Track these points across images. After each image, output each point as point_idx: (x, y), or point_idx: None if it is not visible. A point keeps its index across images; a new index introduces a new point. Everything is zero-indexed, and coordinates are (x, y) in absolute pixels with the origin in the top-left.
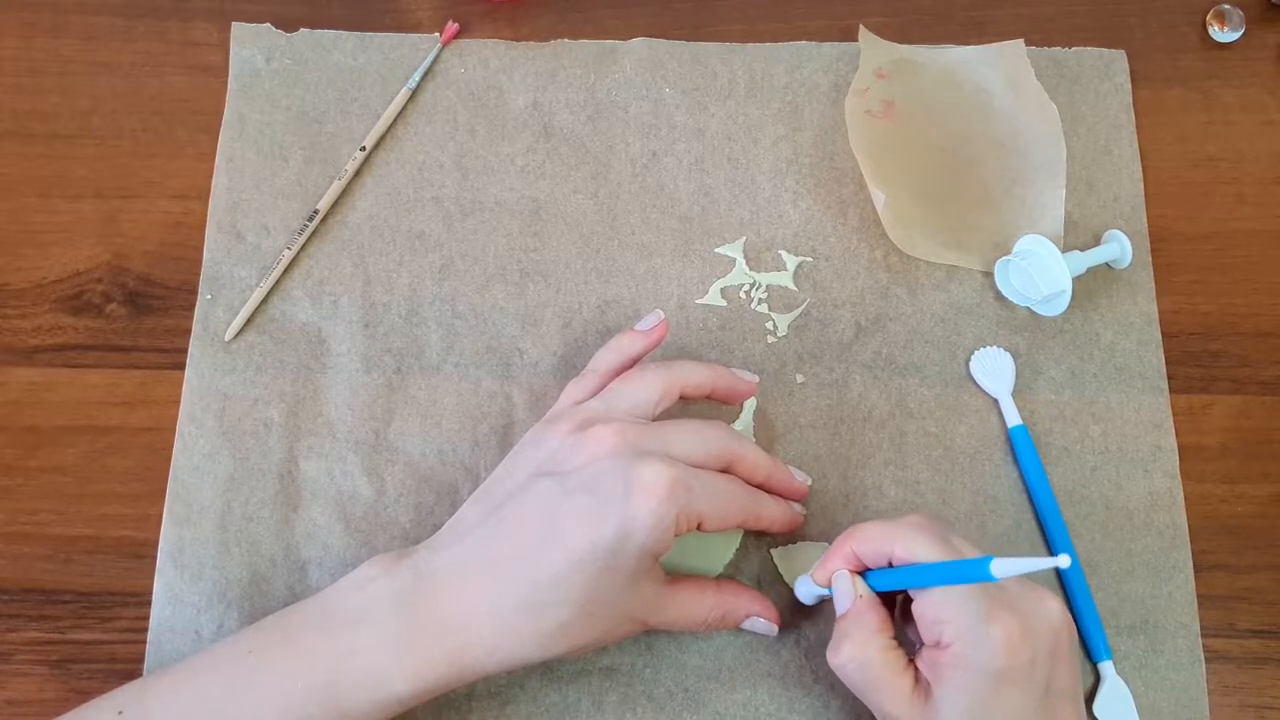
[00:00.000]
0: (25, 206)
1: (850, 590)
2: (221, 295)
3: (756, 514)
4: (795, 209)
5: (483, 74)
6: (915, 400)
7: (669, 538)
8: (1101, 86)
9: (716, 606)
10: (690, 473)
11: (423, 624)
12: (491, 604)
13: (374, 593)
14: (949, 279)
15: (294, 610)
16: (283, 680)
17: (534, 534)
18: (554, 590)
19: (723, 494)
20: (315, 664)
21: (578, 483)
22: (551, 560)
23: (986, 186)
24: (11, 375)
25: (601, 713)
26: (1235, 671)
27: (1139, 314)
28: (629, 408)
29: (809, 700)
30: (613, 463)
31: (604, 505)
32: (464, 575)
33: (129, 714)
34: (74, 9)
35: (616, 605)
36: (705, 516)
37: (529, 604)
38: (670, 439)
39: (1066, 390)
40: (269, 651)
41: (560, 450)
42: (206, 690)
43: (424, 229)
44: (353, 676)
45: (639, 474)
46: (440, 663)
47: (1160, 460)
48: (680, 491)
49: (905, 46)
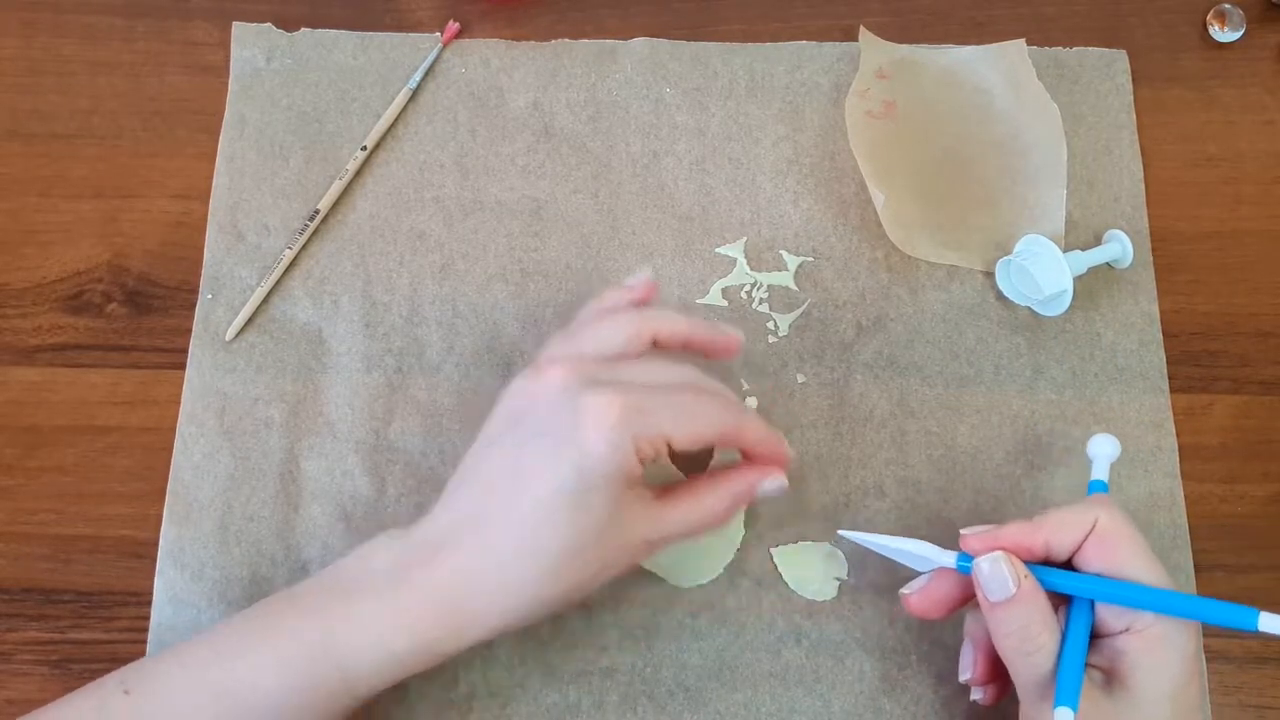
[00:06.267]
0: (25, 206)
1: (1012, 575)
2: (222, 295)
3: (738, 429)
4: (796, 209)
5: (483, 74)
6: (916, 400)
7: (632, 463)
8: (1102, 86)
9: (720, 499)
10: (645, 393)
11: (418, 586)
12: (481, 560)
13: (374, 563)
14: (950, 279)
15: (300, 584)
16: (285, 643)
17: (505, 488)
18: (534, 538)
19: (689, 408)
20: (313, 626)
21: (531, 428)
22: (523, 511)
23: (987, 186)
24: (11, 375)
25: (602, 713)
26: (1235, 671)
27: (1140, 314)
28: (593, 349)
29: (810, 700)
30: (562, 398)
31: (558, 445)
32: (454, 537)
33: (135, 691)
34: (74, 9)
35: (604, 540)
36: (671, 435)
37: (515, 554)
38: (625, 372)
39: (1068, 390)
40: (272, 618)
41: (520, 398)
42: (209, 659)
43: (425, 229)
44: (352, 639)
45: (584, 404)
46: (436, 623)
47: (1160, 460)
48: (632, 414)
49: (906, 47)
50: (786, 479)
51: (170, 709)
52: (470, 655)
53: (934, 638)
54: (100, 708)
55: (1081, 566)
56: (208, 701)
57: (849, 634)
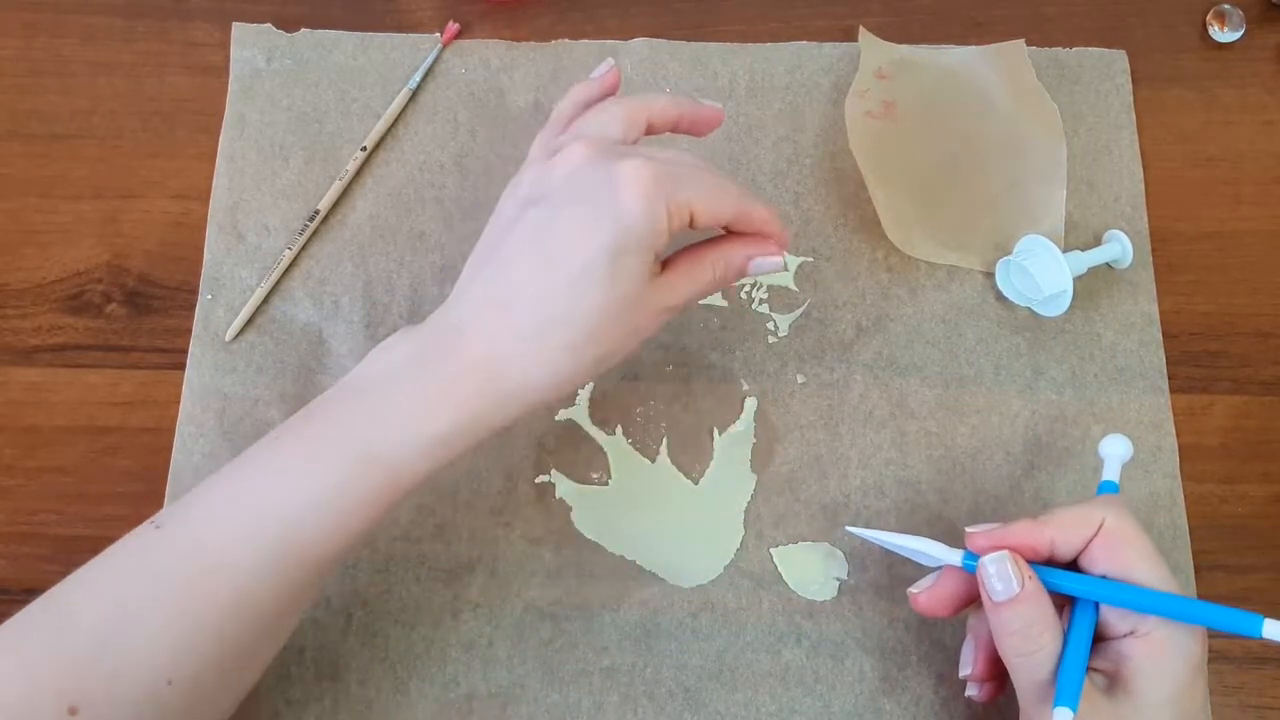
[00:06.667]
0: (25, 206)
1: (1016, 575)
2: (222, 295)
3: (748, 210)
4: (796, 209)
5: (484, 74)
6: (916, 400)
7: (663, 227)
8: (1102, 86)
9: (716, 262)
10: (673, 162)
11: (451, 369)
12: (514, 333)
13: (396, 358)
14: (950, 279)
15: (317, 400)
16: (314, 448)
17: (536, 258)
18: (570, 304)
19: (711, 184)
20: (352, 430)
21: (564, 197)
22: (559, 278)
23: (987, 187)
24: (11, 375)
25: (603, 713)
26: (1235, 671)
27: (1140, 314)
28: (596, 134)
29: (810, 700)
30: (592, 168)
31: (595, 209)
32: (481, 317)
33: (166, 526)
34: (74, 9)
35: (635, 305)
36: (696, 207)
37: (552, 322)
38: (644, 150)
39: (1068, 390)
40: (297, 431)
41: (538, 179)
42: (238, 478)
43: (425, 229)
44: (387, 432)
45: (619, 170)
46: (476, 396)
47: (1161, 461)
48: (665, 179)
49: (905, 47)
50: (782, 258)
51: (213, 536)
52: (470, 656)
53: (934, 638)
54: (137, 550)
55: (1087, 567)
56: (249, 522)
57: (849, 634)
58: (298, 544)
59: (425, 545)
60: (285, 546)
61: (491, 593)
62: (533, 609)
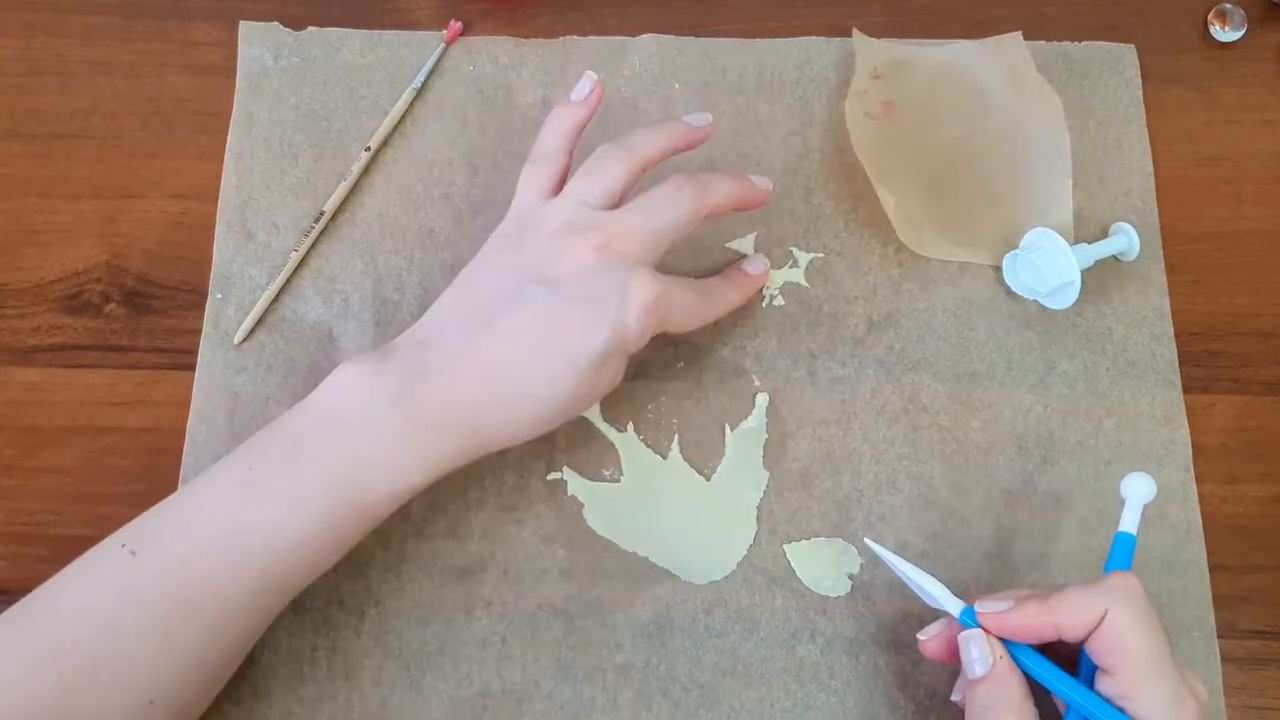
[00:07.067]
0: (25, 206)
1: (989, 653)
2: (232, 294)
3: (715, 302)
4: (806, 205)
5: (491, 71)
6: (928, 395)
7: (646, 339)
8: (1111, 80)
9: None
10: (671, 288)
11: (429, 419)
12: (497, 401)
13: (370, 395)
14: (961, 274)
15: (285, 423)
16: (296, 486)
17: (533, 339)
18: (551, 388)
19: (690, 302)
20: (326, 469)
21: (573, 292)
22: (554, 365)
23: (993, 181)
24: (11, 375)
25: (617, 710)
26: (1237, 672)
27: (1151, 308)
28: (599, 199)
29: (825, 696)
30: (606, 271)
31: (601, 314)
32: (461, 373)
33: (144, 553)
34: (74, 9)
35: (597, 385)
36: (672, 325)
37: (533, 399)
38: (642, 221)
39: (1080, 384)
40: (274, 465)
41: (545, 258)
42: (215, 509)
43: (434, 226)
44: (368, 475)
45: (631, 285)
46: (453, 451)
47: (1173, 454)
48: (663, 305)
49: (900, 45)
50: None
51: (195, 569)
52: (484, 654)
53: None
54: (115, 576)
55: (1090, 653)
56: (234, 559)
57: (863, 629)
58: (278, 576)
59: (438, 543)
60: (267, 579)
61: (504, 590)
62: (546, 606)
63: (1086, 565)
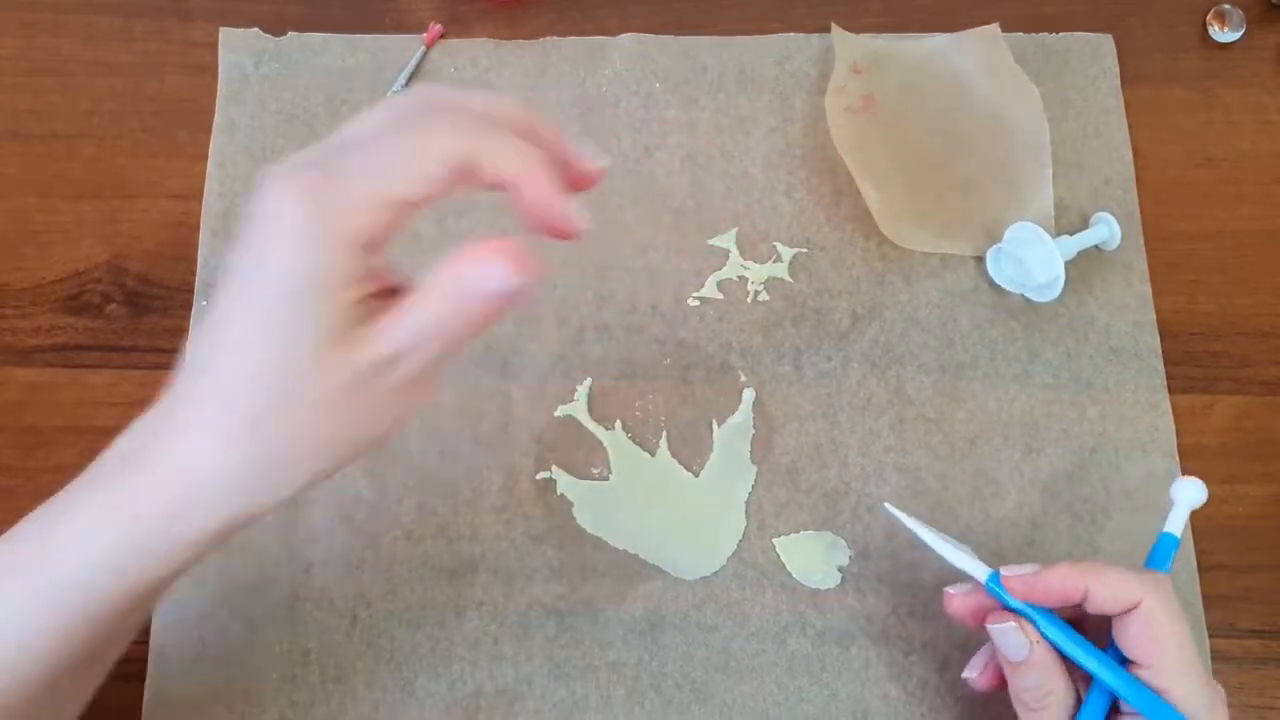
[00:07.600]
0: (25, 206)
1: (1024, 640)
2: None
3: (474, 158)
4: (789, 200)
5: (472, 73)
6: (914, 387)
7: (333, 256)
8: (1090, 70)
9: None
10: (324, 156)
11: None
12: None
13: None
14: (944, 266)
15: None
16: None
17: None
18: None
19: (386, 157)
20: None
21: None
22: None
23: (973, 173)
24: (11, 375)
25: (610, 707)
26: (1236, 672)
27: (1133, 295)
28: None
29: (817, 689)
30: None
31: (242, 268)
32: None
33: None
34: (74, 9)
35: (324, 387)
36: (374, 195)
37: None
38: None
39: (1063, 373)
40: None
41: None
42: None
43: (418, 230)
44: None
45: (259, 203)
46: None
47: (1158, 440)
48: (316, 187)
49: (879, 39)
50: (528, 270)
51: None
52: (476, 654)
53: (938, 623)
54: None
55: (1117, 634)
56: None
57: (854, 622)
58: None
59: (428, 545)
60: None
61: (495, 590)
62: (537, 605)
63: (1074, 552)
